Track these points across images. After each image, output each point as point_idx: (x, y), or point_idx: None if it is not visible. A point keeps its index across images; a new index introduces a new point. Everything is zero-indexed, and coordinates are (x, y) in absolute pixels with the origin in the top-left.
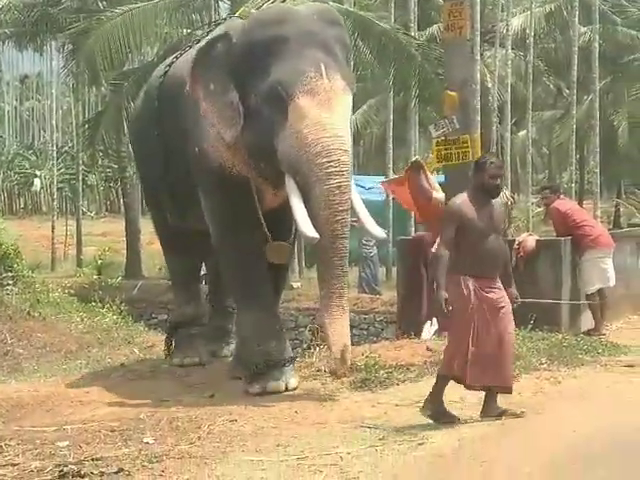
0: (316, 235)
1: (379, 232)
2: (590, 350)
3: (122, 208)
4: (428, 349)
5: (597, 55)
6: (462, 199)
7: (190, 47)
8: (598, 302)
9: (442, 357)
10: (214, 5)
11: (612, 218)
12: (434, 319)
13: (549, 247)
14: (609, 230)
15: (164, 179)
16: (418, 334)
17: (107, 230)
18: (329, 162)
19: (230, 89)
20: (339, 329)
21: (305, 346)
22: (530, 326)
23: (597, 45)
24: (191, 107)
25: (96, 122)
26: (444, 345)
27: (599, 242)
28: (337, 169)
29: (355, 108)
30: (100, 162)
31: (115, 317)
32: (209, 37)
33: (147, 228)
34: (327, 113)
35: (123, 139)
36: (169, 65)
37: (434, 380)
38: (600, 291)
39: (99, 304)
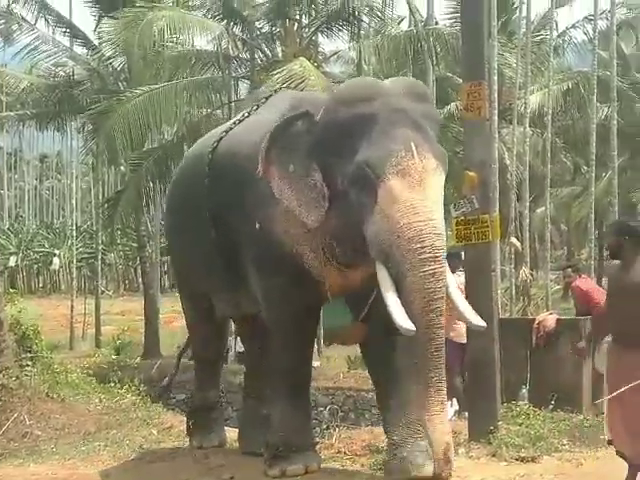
0: (412, 327)
1: (479, 321)
2: None
3: (141, 286)
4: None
5: (615, 132)
6: None
7: (240, 122)
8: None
9: None
10: (234, 85)
11: None
12: (454, 400)
13: (569, 326)
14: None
15: (211, 262)
16: None
17: (125, 309)
18: (422, 247)
19: (313, 169)
20: (439, 426)
21: (324, 427)
22: (551, 406)
23: (615, 122)
24: (255, 186)
25: (115, 201)
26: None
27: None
28: (431, 255)
29: None
30: (119, 241)
31: (133, 398)
32: (286, 116)
33: (166, 307)
34: (420, 195)
35: (142, 218)
36: (217, 140)
37: (456, 462)
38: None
39: (117, 384)
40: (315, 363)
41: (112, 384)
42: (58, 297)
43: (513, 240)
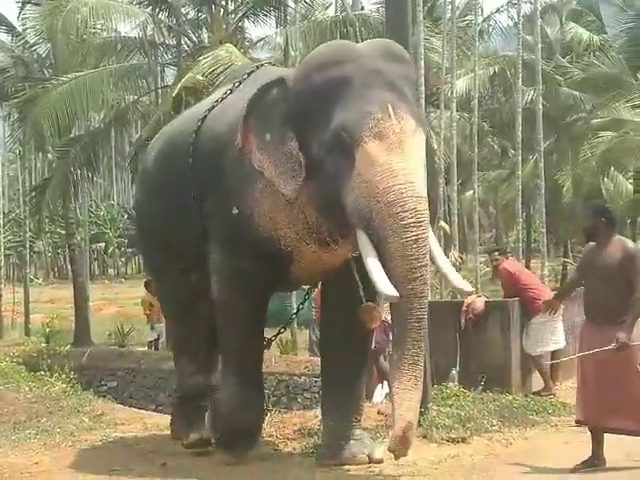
0: (396, 293)
1: (466, 286)
2: (540, 411)
3: (70, 274)
4: (379, 412)
5: (541, 115)
6: None
7: (223, 99)
8: (547, 363)
9: None
10: (160, 71)
11: (559, 277)
12: (385, 382)
13: (497, 308)
14: (557, 289)
15: (199, 244)
16: (369, 397)
17: (55, 297)
18: (404, 212)
19: (289, 138)
20: (407, 403)
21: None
22: (481, 387)
23: (541, 106)
24: (237, 164)
25: (42, 189)
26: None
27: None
28: (413, 219)
29: None
30: (47, 229)
31: (64, 386)
32: (261, 85)
33: (96, 294)
34: (399, 157)
35: (70, 205)
36: (202, 119)
37: (386, 444)
38: (553, 352)
39: (47, 373)
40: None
41: (42, 372)
42: None
43: (442, 224)
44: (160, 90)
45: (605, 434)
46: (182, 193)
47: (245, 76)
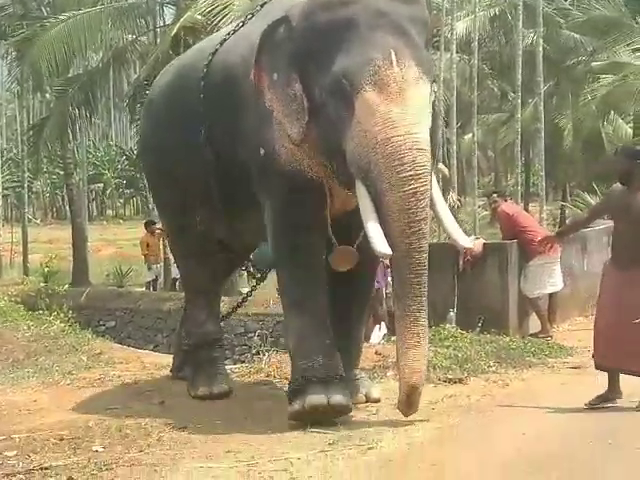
0: (388, 251)
1: (467, 242)
2: (537, 352)
3: (68, 214)
4: (377, 353)
5: (541, 58)
6: None
7: (234, 32)
8: (545, 304)
9: None
10: (159, 10)
11: (558, 220)
12: (382, 323)
13: (496, 250)
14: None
15: (208, 189)
16: (367, 338)
17: (53, 237)
18: (402, 165)
19: (293, 80)
20: (410, 363)
21: (254, 351)
22: (478, 329)
23: (541, 49)
24: (254, 100)
25: (40, 128)
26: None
27: (546, 249)
28: (412, 172)
29: None
30: (45, 169)
31: (62, 325)
32: (271, 21)
33: (94, 235)
34: (399, 107)
35: (68, 145)
36: (212, 53)
37: (384, 384)
38: (550, 295)
39: (46, 312)
40: (245, 289)
41: (40, 311)
42: None
43: (441, 166)
44: (159, 29)
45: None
46: (191, 129)
47: (258, 8)
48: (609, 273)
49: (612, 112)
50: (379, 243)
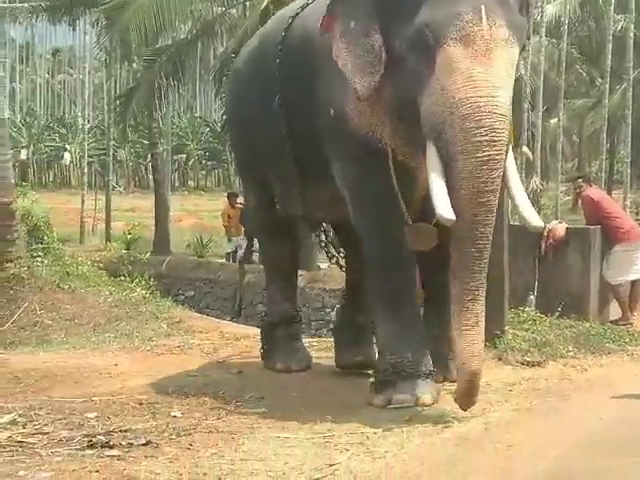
0: (452, 217)
1: (538, 221)
2: (617, 339)
3: (151, 184)
4: None
5: (632, 44)
6: None
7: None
8: (626, 292)
9: None
10: None
11: None
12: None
13: (579, 235)
14: (637, 220)
15: (284, 161)
16: None
17: (136, 205)
18: (478, 128)
19: (374, 30)
20: (467, 347)
21: (332, 326)
22: (558, 313)
23: (632, 34)
24: (326, 58)
25: (128, 98)
26: None
27: (630, 235)
28: (487, 138)
29: None
30: (130, 138)
31: (143, 292)
32: None
33: (176, 205)
34: (482, 67)
35: (154, 115)
36: (292, 17)
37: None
38: (633, 282)
39: (127, 279)
40: (322, 265)
41: (122, 278)
42: (68, 192)
43: (524, 149)
44: (248, 2)
45: None
46: (268, 97)
47: None
48: None
49: None
50: (443, 207)
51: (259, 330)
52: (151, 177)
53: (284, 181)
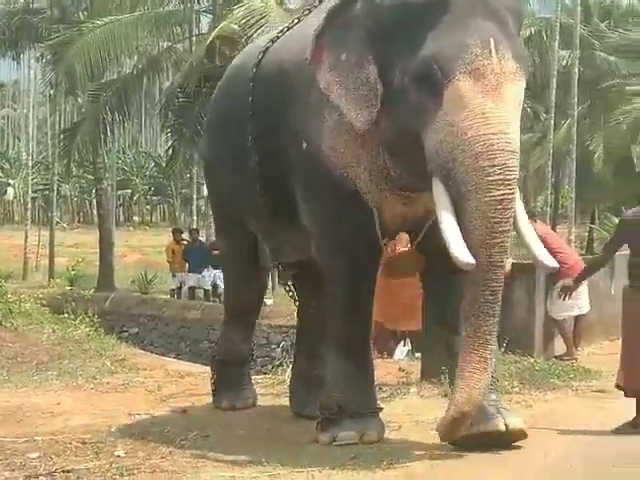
0: (472, 260)
1: (552, 262)
2: (562, 375)
3: (96, 219)
4: (401, 369)
5: (576, 80)
6: None
7: (288, 29)
8: (571, 327)
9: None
10: (195, 19)
11: (585, 243)
12: (407, 340)
13: (524, 271)
14: (582, 255)
15: (256, 200)
16: (391, 355)
17: (79, 241)
18: (492, 167)
19: (368, 61)
20: (469, 389)
21: (277, 363)
22: (503, 349)
23: (577, 70)
24: (305, 89)
25: (73, 132)
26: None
27: (575, 271)
28: (502, 177)
29: None
30: (75, 173)
31: (87, 329)
32: None
33: (120, 240)
34: (494, 102)
35: (99, 150)
36: (263, 51)
37: (406, 401)
38: (576, 317)
39: (71, 316)
40: (268, 301)
41: (66, 315)
42: (11, 227)
43: None
44: (195, 38)
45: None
46: (242, 134)
47: (316, 2)
48: (630, 298)
49: None
50: (461, 251)
51: (209, 367)
52: (96, 212)
53: (256, 222)
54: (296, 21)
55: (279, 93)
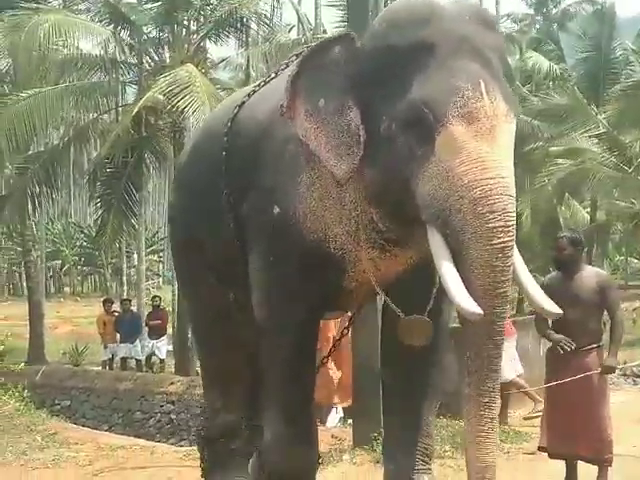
0: (479, 309)
1: (554, 308)
2: None
3: (25, 291)
4: (333, 437)
5: None
6: None
7: (265, 83)
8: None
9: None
10: (121, 90)
11: (515, 304)
12: (339, 407)
13: (454, 335)
14: (512, 317)
15: (233, 263)
16: (322, 421)
17: (9, 314)
18: (492, 213)
19: (349, 107)
20: (482, 456)
21: None
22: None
23: None
24: (278, 145)
25: (0, 205)
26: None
27: (507, 331)
28: (502, 223)
29: None
30: (3, 244)
31: (17, 404)
32: (321, 41)
33: (51, 311)
34: (489, 146)
35: (27, 222)
36: (238, 107)
37: (339, 468)
38: (511, 380)
39: (0, 391)
40: None
41: None
42: None
43: None
44: (120, 108)
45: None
46: (214, 192)
47: (293, 58)
48: (554, 360)
49: (569, 197)
50: (465, 300)
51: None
52: (25, 284)
53: (235, 282)
54: (273, 75)
55: (253, 151)
